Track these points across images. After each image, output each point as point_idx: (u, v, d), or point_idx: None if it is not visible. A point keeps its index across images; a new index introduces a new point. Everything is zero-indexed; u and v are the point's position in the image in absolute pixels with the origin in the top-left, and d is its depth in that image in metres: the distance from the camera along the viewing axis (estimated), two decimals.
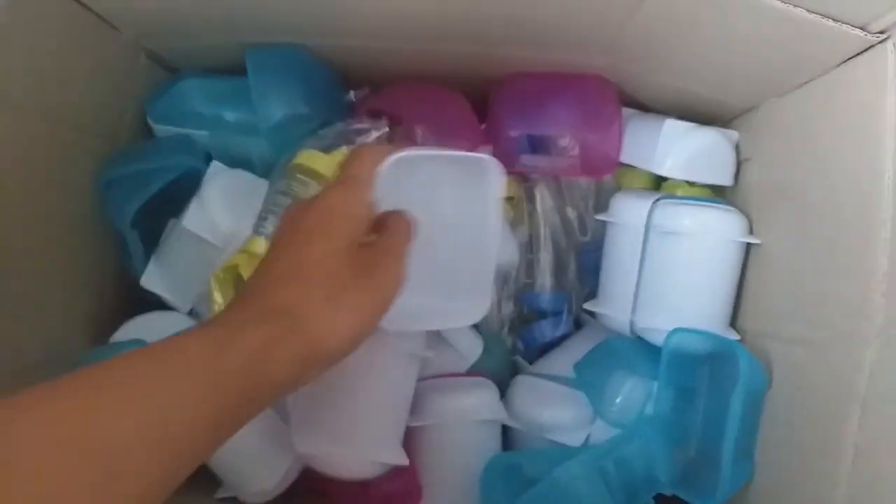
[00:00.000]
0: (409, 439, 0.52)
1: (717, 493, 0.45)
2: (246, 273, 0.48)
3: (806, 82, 0.46)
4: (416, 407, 0.51)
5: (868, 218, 0.38)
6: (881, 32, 0.38)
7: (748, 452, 0.47)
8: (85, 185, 0.51)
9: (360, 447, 0.47)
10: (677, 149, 0.53)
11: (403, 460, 0.48)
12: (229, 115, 0.55)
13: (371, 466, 0.48)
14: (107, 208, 0.52)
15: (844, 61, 0.41)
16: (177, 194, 0.53)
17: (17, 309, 0.45)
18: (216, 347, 0.30)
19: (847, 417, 0.38)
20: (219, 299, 0.48)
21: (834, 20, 0.38)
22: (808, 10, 0.38)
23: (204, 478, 0.52)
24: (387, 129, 0.54)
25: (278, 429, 0.48)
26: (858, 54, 0.40)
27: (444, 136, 0.55)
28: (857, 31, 0.38)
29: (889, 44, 0.38)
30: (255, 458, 0.49)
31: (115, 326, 0.52)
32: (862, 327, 0.38)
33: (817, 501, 0.39)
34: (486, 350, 0.58)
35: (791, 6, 0.37)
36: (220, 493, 0.51)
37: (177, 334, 0.30)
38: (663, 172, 0.53)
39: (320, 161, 0.50)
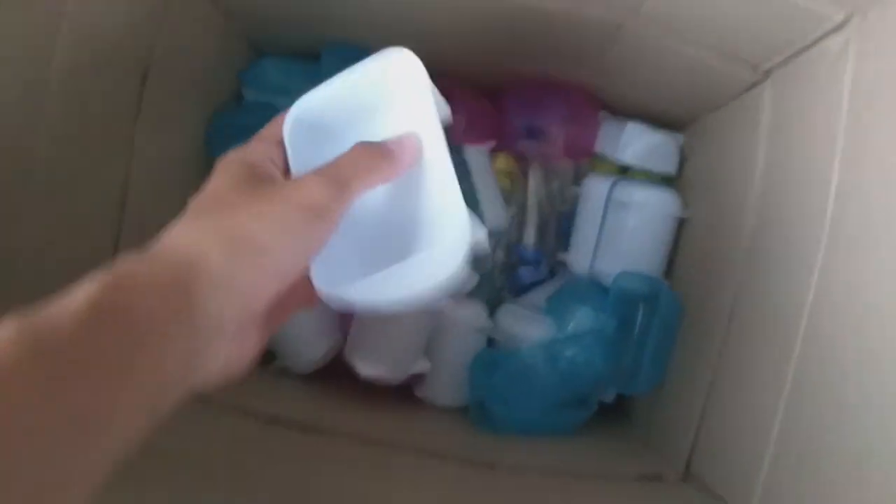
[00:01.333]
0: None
1: (639, 386, 0.64)
2: None
3: (725, 104, 0.65)
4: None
5: (745, 193, 0.57)
6: (766, 72, 0.57)
7: (661, 363, 0.66)
8: (198, 131, 0.70)
9: (404, 367, 0.67)
10: (636, 144, 0.72)
11: (427, 367, 0.68)
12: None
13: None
14: (213, 151, 0.70)
15: (747, 90, 0.61)
16: None
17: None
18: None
19: (717, 332, 0.57)
20: None
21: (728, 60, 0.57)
22: (709, 52, 0.57)
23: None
24: None
25: (325, 311, 0.67)
26: (748, 90, 0.59)
27: (472, 131, 0.73)
28: (746, 71, 0.57)
29: (767, 84, 0.57)
30: (307, 335, 0.67)
31: None
32: (725, 277, 0.57)
33: (700, 348, 0.58)
34: (480, 285, 0.77)
35: (694, 50, 0.57)
36: (277, 364, 0.70)
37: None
38: (625, 160, 0.72)
39: None
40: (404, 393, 0.72)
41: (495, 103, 0.77)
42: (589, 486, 0.54)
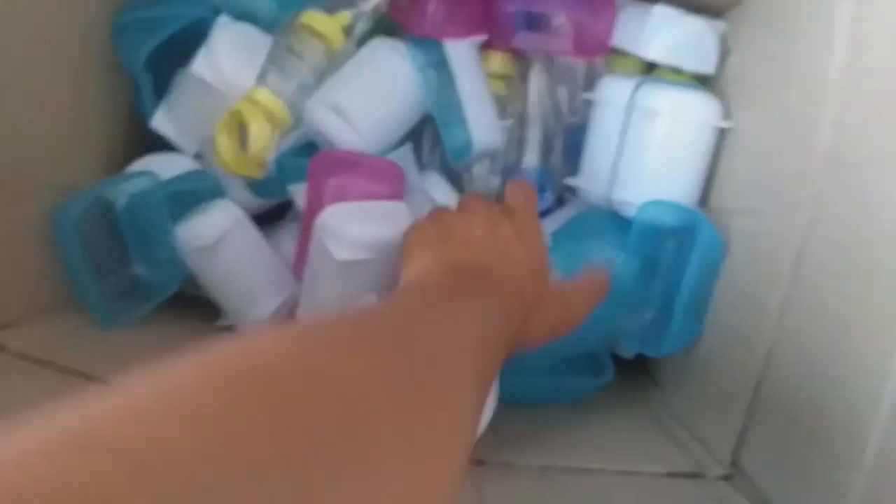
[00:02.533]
0: None
1: (665, 344, 0.51)
2: (250, 118, 0.51)
3: None
4: None
5: (816, 100, 0.42)
6: None
7: (699, 314, 0.52)
8: (99, 27, 0.54)
9: None
10: (664, 33, 0.56)
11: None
12: None
13: None
14: (120, 51, 0.55)
15: None
16: (188, 46, 0.56)
17: (38, 140, 0.49)
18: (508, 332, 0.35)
19: (783, 273, 0.42)
20: (223, 142, 0.52)
21: None
22: None
23: (203, 307, 0.57)
24: None
25: (276, 262, 0.53)
26: None
27: (455, 20, 0.57)
28: None
29: None
30: (256, 288, 0.54)
31: (126, 164, 0.56)
32: (802, 197, 0.42)
33: (752, 343, 0.44)
34: None
35: None
36: (221, 322, 0.57)
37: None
38: (650, 56, 0.56)
39: (323, 22, 0.53)
40: None
41: None
42: (604, 483, 0.42)
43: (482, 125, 0.57)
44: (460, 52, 0.57)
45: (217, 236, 0.52)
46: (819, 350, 0.39)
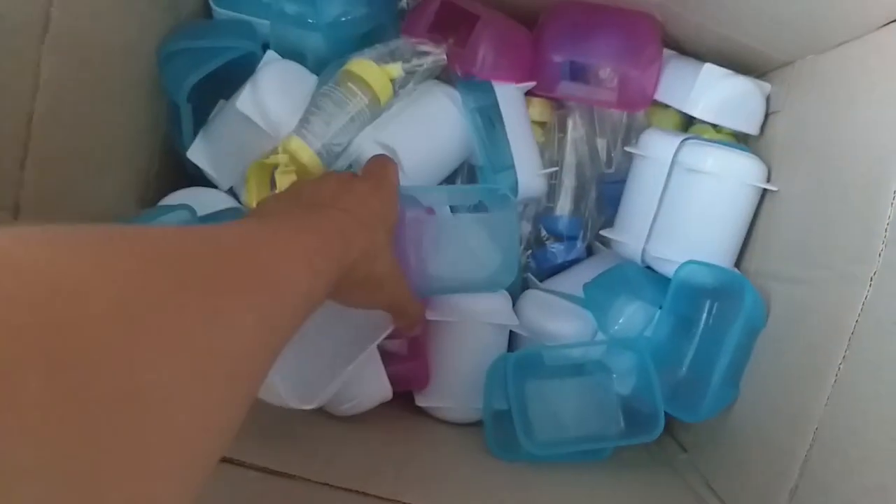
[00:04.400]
0: (429, 332, 0.56)
1: (702, 409, 0.50)
2: (280, 170, 0.51)
3: (845, 41, 0.48)
4: (438, 304, 0.55)
5: (882, 173, 0.41)
6: None
7: (735, 380, 0.51)
8: (146, 53, 0.53)
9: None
10: (712, 93, 0.56)
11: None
12: (289, 8, 0.56)
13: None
14: (165, 80, 0.54)
15: (886, 24, 0.44)
16: (231, 77, 0.55)
17: (78, 166, 0.48)
18: (343, 244, 0.35)
19: (835, 350, 0.42)
20: (253, 188, 0.51)
21: None
22: None
23: None
24: (444, 56, 0.55)
25: None
26: (886, 24, 0.43)
27: (505, 65, 0.57)
28: None
29: None
30: None
31: (161, 195, 0.55)
32: (860, 270, 0.41)
33: (797, 419, 0.43)
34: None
35: None
36: None
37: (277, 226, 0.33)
38: (696, 113, 0.56)
39: (371, 71, 0.52)
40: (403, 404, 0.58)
41: (532, 35, 0.60)
42: None
43: (528, 171, 0.56)
44: (509, 96, 0.56)
45: None
46: (870, 434, 0.38)
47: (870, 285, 0.41)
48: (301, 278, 0.29)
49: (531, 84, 0.59)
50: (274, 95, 0.54)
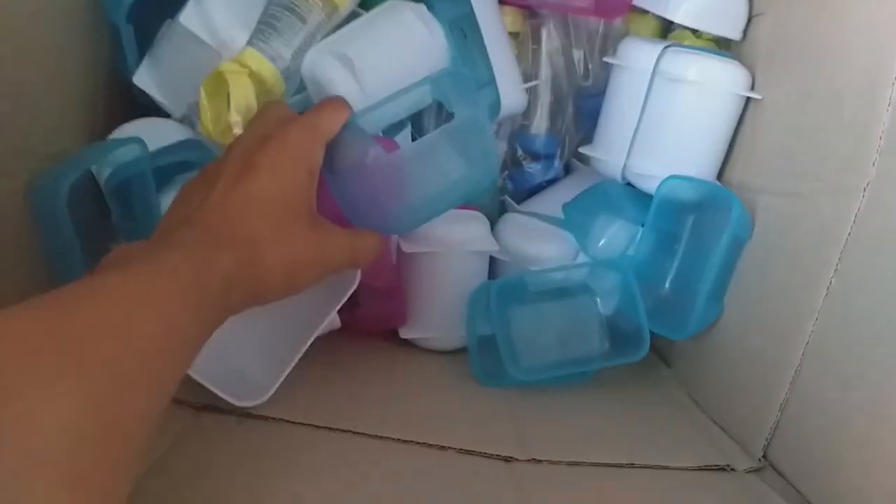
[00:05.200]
0: (406, 263, 0.54)
1: (688, 326, 0.49)
2: (234, 83, 0.46)
3: None
4: (414, 235, 0.53)
5: (876, 76, 0.39)
6: None
7: (719, 294, 0.51)
8: None
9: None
10: None
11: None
12: None
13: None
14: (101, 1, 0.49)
15: None
16: None
17: (16, 95, 0.43)
18: (202, 268, 0.30)
19: (826, 263, 0.41)
20: (207, 109, 0.47)
21: None
22: None
23: None
24: None
25: None
26: None
27: None
28: None
29: None
30: None
31: (111, 127, 0.51)
32: (853, 181, 0.40)
33: (786, 334, 0.43)
34: None
35: None
36: None
37: (153, 252, 0.31)
38: (676, 18, 0.53)
39: None
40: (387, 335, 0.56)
41: None
42: (633, 481, 0.40)
43: (508, 86, 0.53)
44: (485, 4, 0.52)
45: None
46: (864, 349, 0.37)
47: (862, 196, 0.39)
48: (155, 332, 0.27)
49: None
50: (221, 8, 0.49)
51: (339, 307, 0.45)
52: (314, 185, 0.38)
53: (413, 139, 0.55)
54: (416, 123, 0.57)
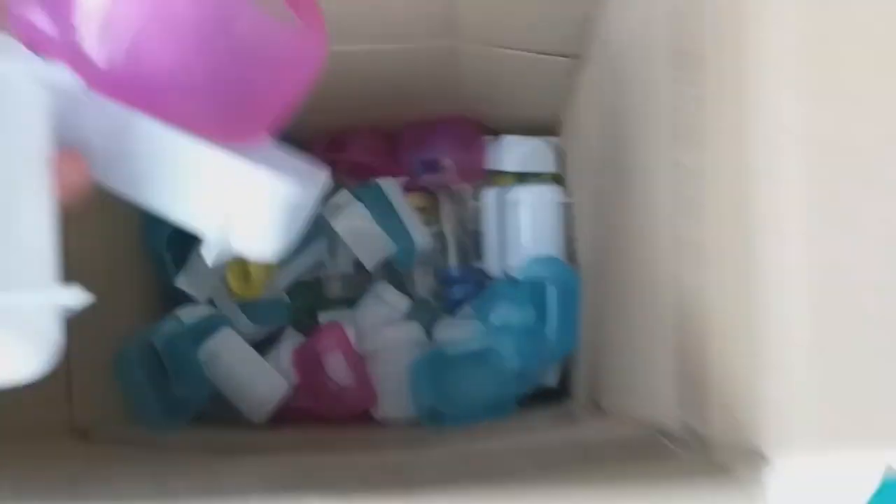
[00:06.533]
0: (368, 361, 0.78)
1: (553, 352, 0.71)
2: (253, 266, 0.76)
3: (572, 99, 0.75)
4: (371, 338, 0.78)
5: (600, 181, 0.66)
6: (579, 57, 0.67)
7: (569, 330, 0.72)
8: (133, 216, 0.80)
9: None
10: (513, 153, 0.82)
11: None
12: None
13: None
14: (146, 237, 0.80)
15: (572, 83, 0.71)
16: None
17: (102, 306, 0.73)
18: None
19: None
20: (233, 278, 0.76)
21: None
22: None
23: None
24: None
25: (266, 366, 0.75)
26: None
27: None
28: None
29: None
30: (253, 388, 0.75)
31: (160, 316, 0.79)
32: (611, 264, 0.65)
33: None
34: (416, 308, 0.84)
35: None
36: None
37: None
38: (507, 168, 0.82)
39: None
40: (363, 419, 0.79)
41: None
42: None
43: (417, 235, 0.81)
44: (388, 185, 0.82)
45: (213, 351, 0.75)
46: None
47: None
48: None
49: (402, 179, 0.85)
50: None
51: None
52: None
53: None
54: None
